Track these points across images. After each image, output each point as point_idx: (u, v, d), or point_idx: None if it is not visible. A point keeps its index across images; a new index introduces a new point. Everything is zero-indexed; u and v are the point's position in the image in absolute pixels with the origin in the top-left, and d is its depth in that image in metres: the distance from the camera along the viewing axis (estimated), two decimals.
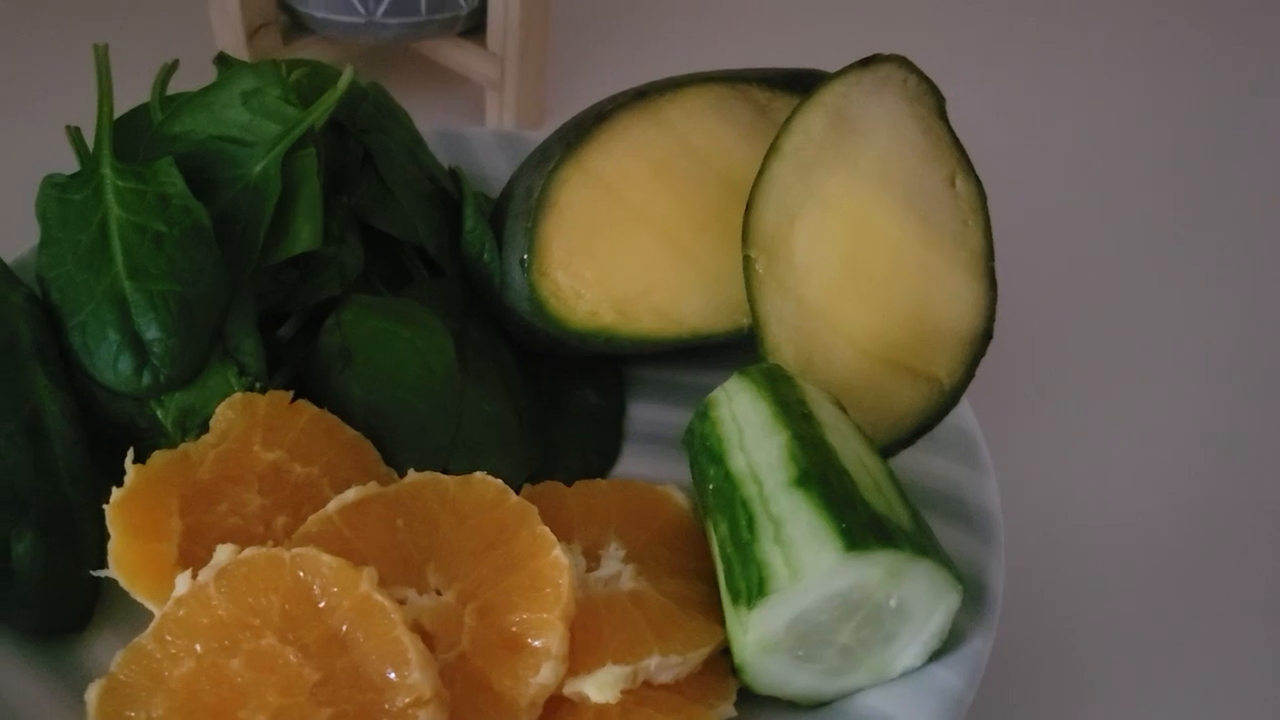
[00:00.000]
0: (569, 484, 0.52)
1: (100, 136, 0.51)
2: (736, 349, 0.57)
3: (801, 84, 0.58)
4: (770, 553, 0.42)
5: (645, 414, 0.59)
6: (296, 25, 0.78)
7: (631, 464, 0.57)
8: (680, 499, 0.52)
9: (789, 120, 0.53)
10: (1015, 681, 0.57)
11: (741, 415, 0.48)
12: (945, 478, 0.53)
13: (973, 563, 0.49)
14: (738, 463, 0.46)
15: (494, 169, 0.67)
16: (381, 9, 0.75)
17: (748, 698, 0.45)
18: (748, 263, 0.53)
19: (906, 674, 0.45)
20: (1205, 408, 0.73)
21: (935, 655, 0.45)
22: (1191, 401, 0.73)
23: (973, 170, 0.55)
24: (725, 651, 0.45)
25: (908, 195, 0.54)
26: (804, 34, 0.99)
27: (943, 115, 0.55)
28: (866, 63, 0.54)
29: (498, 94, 0.81)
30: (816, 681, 0.44)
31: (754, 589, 0.41)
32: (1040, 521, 0.64)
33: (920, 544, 0.42)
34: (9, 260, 0.53)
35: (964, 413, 0.56)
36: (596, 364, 0.60)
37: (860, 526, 0.41)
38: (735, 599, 0.43)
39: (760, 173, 0.53)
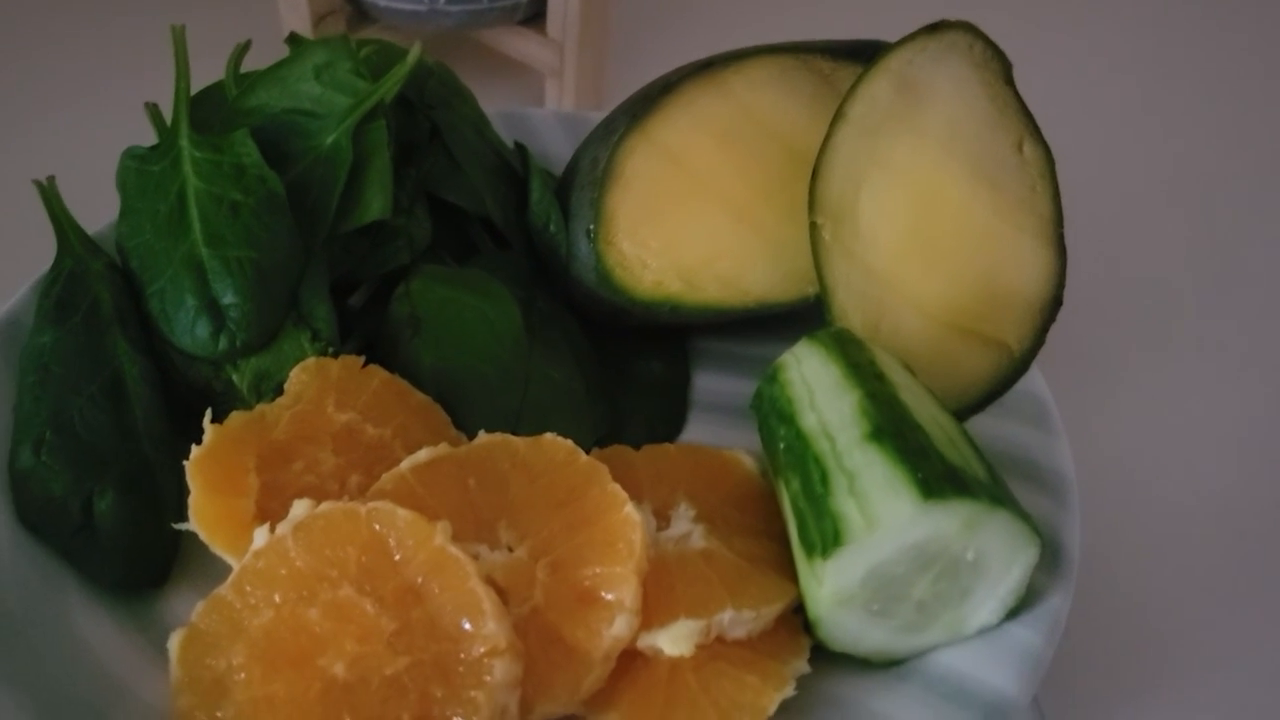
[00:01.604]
0: (636, 449, 0.52)
1: (178, 110, 0.53)
2: (801, 321, 0.57)
3: (865, 54, 0.58)
4: (845, 504, 0.41)
5: (710, 384, 0.59)
6: (361, 14, 0.80)
7: (696, 433, 0.57)
8: (748, 463, 0.52)
9: (854, 87, 0.53)
10: (1089, 644, 0.56)
11: (812, 377, 0.48)
12: (1017, 442, 0.53)
13: (1048, 523, 0.48)
14: (809, 421, 0.46)
15: (556, 148, 0.67)
16: None
17: (822, 656, 0.45)
18: (814, 230, 0.52)
19: (983, 632, 0.44)
20: (1276, 373, 0.71)
21: (1012, 613, 0.44)
22: (1267, 366, 0.72)
23: (1041, 135, 0.54)
24: (798, 611, 0.45)
25: (975, 161, 0.53)
26: (866, 12, 0.99)
27: (1009, 81, 0.54)
28: (932, 29, 0.54)
29: (558, 81, 0.82)
30: (891, 638, 0.44)
31: (829, 540, 0.41)
32: (1114, 488, 0.63)
33: (997, 496, 0.41)
34: (90, 233, 0.54)
35: (1035, 379, 0.55)
36: (661, 335, 0.60)
37: (937, 477, 0.40)
38: (810, 552, 0.42)
39: (826, 139, 0.53)
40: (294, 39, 0.60)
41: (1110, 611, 0.58)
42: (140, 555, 0.47)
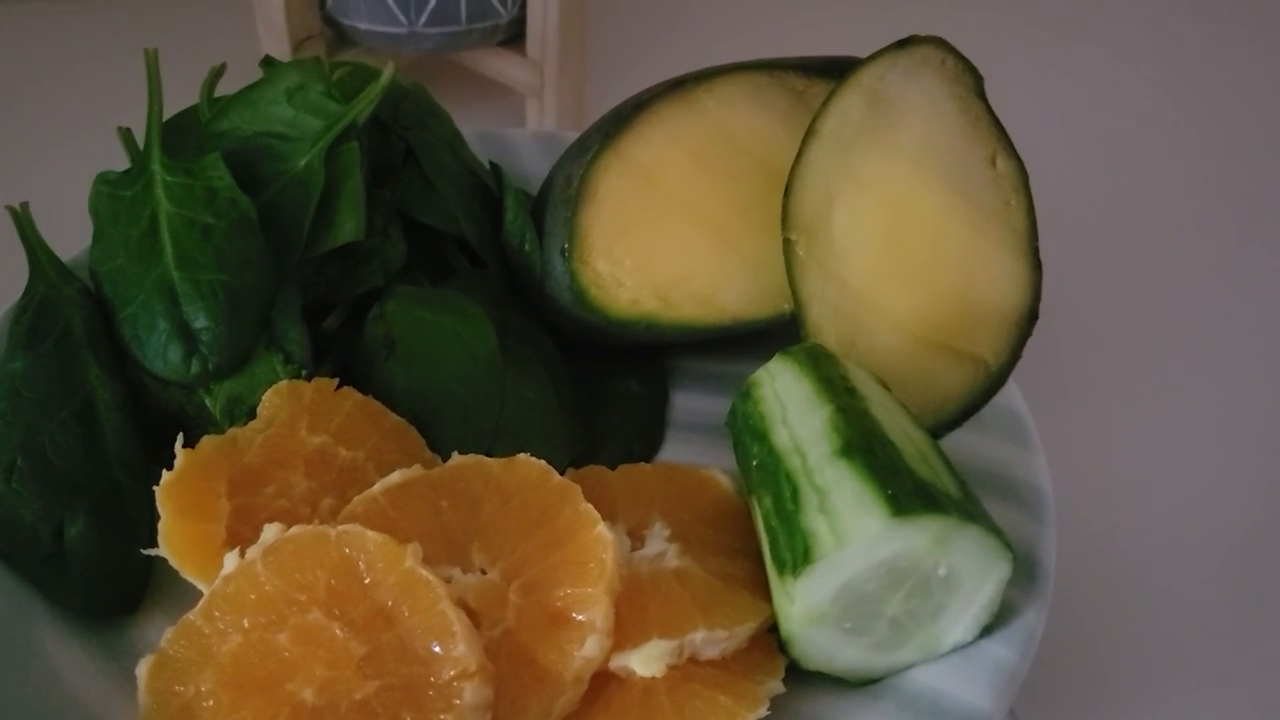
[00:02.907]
0: (612, 469, 0.52)
1: (150, 134, 0.53)
2: (777, 339, 0.57)
3: (838, 71, 0.58)
4: (815, 521, 0.41)
5: (687, 403, 0.59)
6: (340, 38, 0.80)
7: (674, 452, 0.56)
8: (724, 481, 0.51)
9: (826, 102, 0.53)
10: (1065, 659, 0.56)
11: (784, 393, 0.48)
12: (994, 458, 0.53)
13: (1024, 539, 0.48)
14: (781, 437, 0.46)
15: (534, 169, 0.67)
16: (423, 18, 0.76)
17: (797, 676, 0.44)
18: (788, 245, 0.52)
19: (957, 649, 0.44)
20: (1256, 386, 0.71)
21: (987, 629, 0.44)
22: (1244, 378, 0.72)
23: (1013, 149, 0.54)
24: (773, 630, 0.45)
25: (948, 175, 0.53)
26: (839, 29, 0.99)
27: (981, 95, 0.54)
28: (903, 44, 0.54)
29: (538, 101, 0.82)
30: (866, 656, 0.43)
31: (799, 557, 0.41)
32: (1091, 502, 0.63)
33: (968, 511, 0.41)
34: (64, 259, 0.54)
35: (1011, 394, 0.55)
36: (638, 354, 0.60)
37: (907, 493, 0.40)
38: (781, 569, 0.42)
39: (798, 155, 0.53)
40: (269, 62, 0.60)
41: (1087, 626, 0.58)
42: (111, 581, 0.47)
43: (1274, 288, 0.79)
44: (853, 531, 0.40)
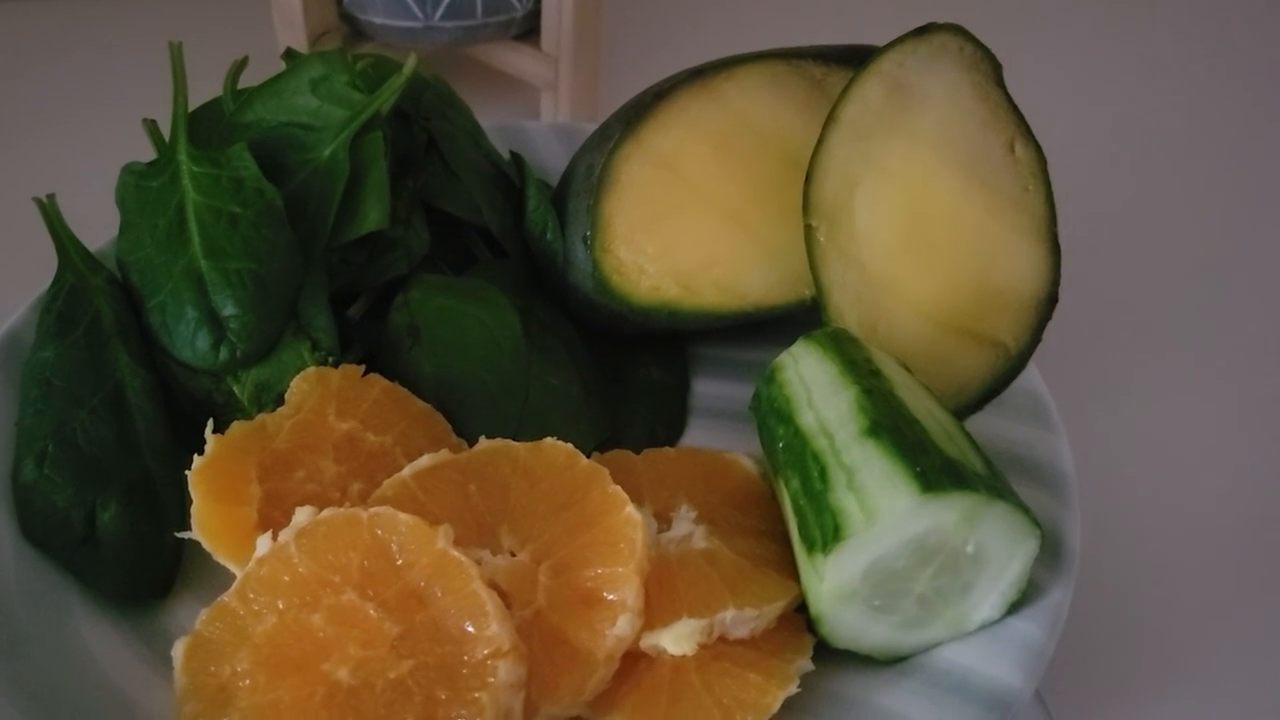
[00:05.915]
0: (636, 453, 0.52)
1: (176, 125, 0.53)
2: (797, 326, 0.57)
3: (856, 59, 0.59)
4: (845, 499, 0.41)
5: (709, 389, 0.59)
6: (356, 32, 0.80)
7: (695, 438, 0.57)
8: (748, 465, 0.52)
9: (846, 90, 0.54)
10: (1091, 638, 0.56)
11: (809, 376, 0.48)
12: (1016, 440, 0.53)
13: (1049, 518, 0.48)
14: (807, 419, 0.46)
15: (552, 160, 0.68)
16: (439, 12, 0.76)
17: (825, 654, 0.45)
18: (809, 231, 0.53)
19: (985, 626, 0.44)
20: (1276, 366, 0.72)
21: (1014, 607, 0.44)
22: (1264, 361, 0.72)
23: (1032, 136, 0.55)
24: (801, 609, 0.45)
25: (967, 161, 0.54)
26: (856, 19, 1.00)
27: (1000, 82, 0.55)
28: (922, 32, 0.54)
29: (553, 95, 0.82)
30: (894, 634, 0.44)
31: (829, 535, 0.41)
32: (1113, 482, 0.63)
33: (996, 488, 0.41)
34: (91, 249, 0.55)
35: (1032, 376, 0.55)
36: (660, 341, 0.60)
37: (935, 470, 0.41)
38: (810, 548, 0.42)
39: (819, 142, 0.53)
40: (290, 54, 0.60)
41: (1113, 605, 0.58)
42: (143, 566, 0.47)
43: None
44: (883, 508, 0.40)
